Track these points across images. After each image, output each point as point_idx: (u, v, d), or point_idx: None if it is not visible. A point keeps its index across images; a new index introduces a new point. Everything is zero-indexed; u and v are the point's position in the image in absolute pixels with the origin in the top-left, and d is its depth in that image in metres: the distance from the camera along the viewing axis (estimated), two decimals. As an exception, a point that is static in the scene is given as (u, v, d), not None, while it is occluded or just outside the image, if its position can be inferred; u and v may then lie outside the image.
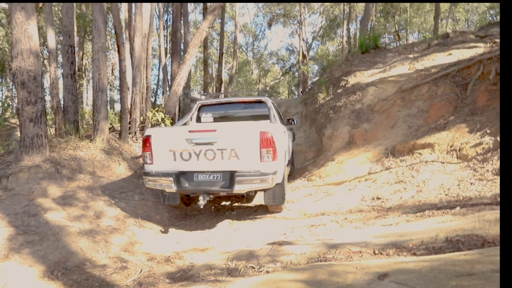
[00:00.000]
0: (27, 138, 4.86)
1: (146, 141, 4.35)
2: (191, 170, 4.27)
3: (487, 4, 24.04)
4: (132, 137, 7.28)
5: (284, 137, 5.08)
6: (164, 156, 4.30)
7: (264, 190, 4.50)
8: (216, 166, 4.18)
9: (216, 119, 5.79)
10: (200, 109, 6.00)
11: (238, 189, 4.03)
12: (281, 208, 4.91)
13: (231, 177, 4.11)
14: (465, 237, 2.42)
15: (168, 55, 15.45)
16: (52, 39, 6.77)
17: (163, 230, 4.62)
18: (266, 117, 5.67)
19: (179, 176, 4.26)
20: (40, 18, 12.12)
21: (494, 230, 2.44)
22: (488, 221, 2.56)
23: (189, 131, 4.20)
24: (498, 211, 2.74)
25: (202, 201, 4.20)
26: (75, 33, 7.59)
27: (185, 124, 5.58)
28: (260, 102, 5.74)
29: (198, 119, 5.95)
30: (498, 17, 23.26)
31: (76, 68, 7.17)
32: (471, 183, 4.03)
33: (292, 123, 6.56)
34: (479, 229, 2.49)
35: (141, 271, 3.22)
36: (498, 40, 7.41)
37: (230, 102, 5.97)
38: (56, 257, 3.30)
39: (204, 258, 3.55)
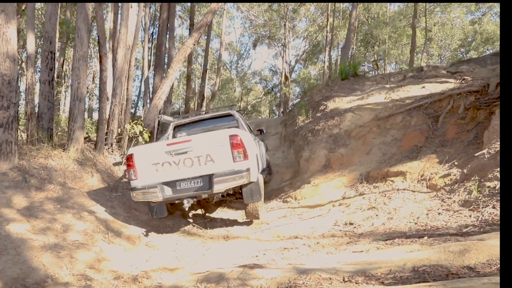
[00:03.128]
0: (-5, 144, 4.65)
1: (129, 159, 4.69)
2: (173, 179, 4.64)
3: (458, 42, 25.64)
4: (108, 148, 7.11)
5: (254, 142, 5.51)
6: (147, 171, 4.66)
7: (241, 189, 4.88)
8: (195, 172, 4.59)
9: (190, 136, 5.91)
10: (175, 129, 6.41)
11: (218, 188, 4.48)
12: (258, 215, 5.19)
13: (209, 179, 4.53)
14: (431, 267, 2.50)
15: (152, 68, 15.39)
16: (31, 44, 6.62)
17: (132, 247, 4.48)
18: (235, 127, 5.96)
19: (163, 186, 4.63)
20: (21, 20, 11.85)
21: (458, 261, 2.53)
22: (453, 253, 2.65)
23: (167, 144, 4.66)
24: (463, 243, 2.85)
25: (186, 204, 4.71)
26: (57, 39, 7.45)
27: None
28: (229, 115, 6.30)
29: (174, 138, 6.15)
30: (468, 55, 24.78)
31: (55, 75, 7.00)
32: (439, 213, 4.18)
33: (262, 133, 6.98)
34: (444, 260, 2.57)
35: (106, 291, 3.09)
36: (467, 77, 7.88)
37: (202, 119, 6.48)
38: (15, 272, 3.13)
39: (173, 278, 3.46)
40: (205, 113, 7.16)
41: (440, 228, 3.74)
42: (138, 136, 7.25)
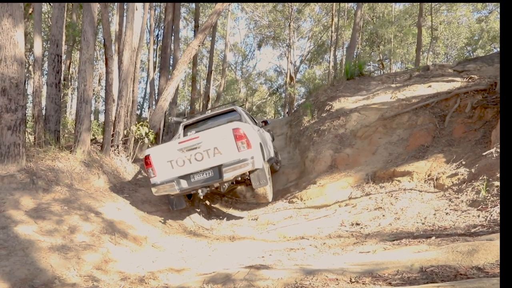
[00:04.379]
0: (3, 146, 4.71)
1: (147, 159, 5.23)
2: (187, 173, 5.18)
3: (465, 40, 25.37)
4: (114, 150, 7.15)
5: (257, 133, 5.95)
6: (164, 168, 5.21)
7: (249, 176, 5.33)
8: (206, 165, 5.11)
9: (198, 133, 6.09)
10: (185, 128, 6.86)
11: (227, 176, 5.00)
12: (267, 196, 5.64)
13: (219, 169, 5.06)
14: (439, 268, 2.47)
15: (157, 70, 15.47)
16: (38, 47, 6.68)
17: (139, 248, 4.50)
18: (239, 121, 6.36)
19: (179, 180, 5.18)
20: (28, 24, 11.99)
21: (467, 262, 2.50)
22: (461, 253, 2.61)
23: (179, 143, 5.19)
24: (471, 243, 2.82)
25: (201, 193, 5.31)
26: (63, 42, 7.51)
27: None
28: (232, 110, 6.77)
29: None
30: (475, 53, 24.52)
31: (62, 77, 7.06)
32: (447, 213, 4.13)
33: (266, 124, 7.46)
34: (452, 260, 2.54)
35: (112, 292, 3.10)
36: (474, 76, 7.80)
37: (208, 117, 7.02)
38: (23, 273, 3.16)
39: (179, 279, 3.47)
40: (211, 111, 7.41)
41: (448, 228, 3.70)
42: (144, 138, 7.28)
